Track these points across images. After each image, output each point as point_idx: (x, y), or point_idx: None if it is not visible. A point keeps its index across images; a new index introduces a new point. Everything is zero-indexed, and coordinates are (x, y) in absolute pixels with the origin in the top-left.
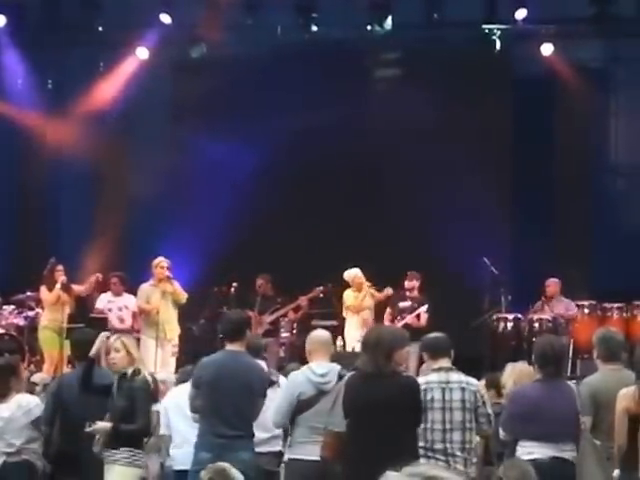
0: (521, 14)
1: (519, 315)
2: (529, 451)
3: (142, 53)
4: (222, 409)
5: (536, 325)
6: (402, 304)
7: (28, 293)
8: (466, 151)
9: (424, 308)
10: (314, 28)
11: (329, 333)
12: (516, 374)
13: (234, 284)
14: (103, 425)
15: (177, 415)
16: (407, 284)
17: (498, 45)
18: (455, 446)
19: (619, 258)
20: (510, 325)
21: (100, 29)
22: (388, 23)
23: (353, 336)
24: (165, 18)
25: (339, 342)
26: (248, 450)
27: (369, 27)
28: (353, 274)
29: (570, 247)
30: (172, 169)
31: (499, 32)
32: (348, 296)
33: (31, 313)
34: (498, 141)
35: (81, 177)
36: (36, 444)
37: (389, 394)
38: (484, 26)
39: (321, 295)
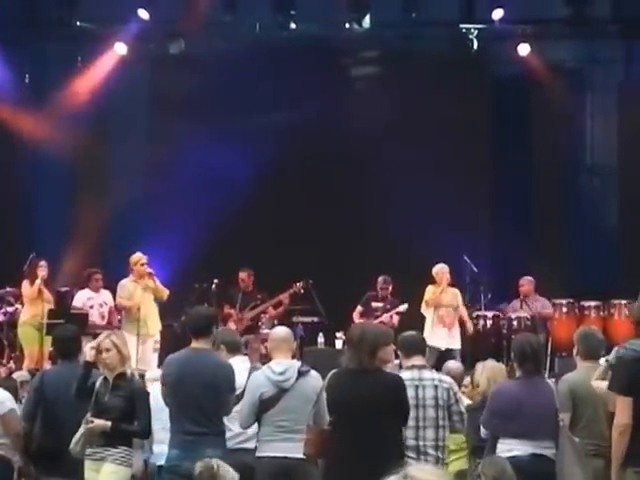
0: (498, 14)
1: (498, 313)
2: (509, 448)
3: (120, 48)
4: (187, 407)
5: (515, 323)
6: (375, 304)
7: (7, 289)
8: (444, 150)
9: (404, 307)
10: (293, 25)
11: (289, 330)
12: (488, 371)
13: (215, 280)
14: (102, 423)
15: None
16: (380, 285)
17: (475, 45)
18: (428, 443)
19: (596, 257)
20: (489, 323)
21: (78, 24)
22: (367, 21)
23: (426, 334)
24: (143, 14)
25: (320, 339)
26: (215, 447)
27: (348, 25)
28: (437, 268)
29: (548, 246)
30: (150, 165)
31: (476, 32)
32: (427, 290)
33: (10, 309)
34: (476, 140)
35: (60, 172)
36: (7, 439)
37: (373, 391)
38: (461, 26)
39: (301, 291)
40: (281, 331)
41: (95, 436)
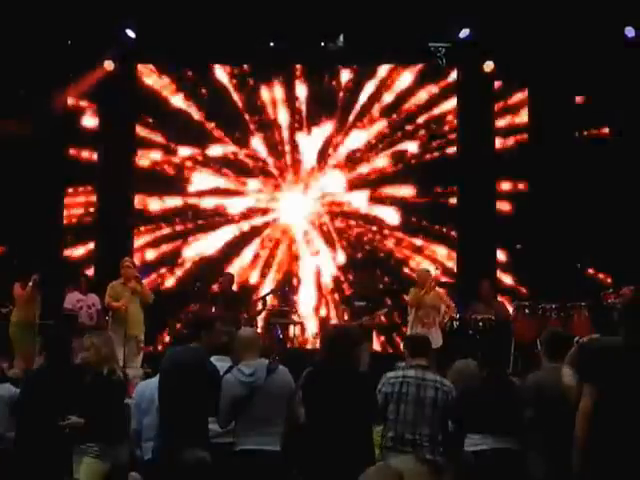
0: (464, 33)
1: (464, 315)
2: (475, 442)
3: (109, 65)
4: (171, 400)
5: (480, 324)
6: (358, 304)
7: None
8: (414, 158)
9: (383, 311)
10: (270, 43)
11: (255, 330)
12: (456, 370)
13: (197, 284)
14: (75, 420)
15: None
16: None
17: (444, 62)
18: (424, 438)
19: (557, 260)
20: (456, 324)
21: (69, 42)
22: (340, 40)
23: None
24: (130, 33)
25: (297, 339)
26: (197, 440)
27: (322, 43)
28: (420, 271)
29: (511, 250)
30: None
31: (444, 49)
32: (410, 291)
33: (3, 310)
34: (446, 150)
35: (53, 177)
36: (12, 432)
37: (345, 389)
38: (430, 44)
39: (278, 292)
40: (247, 332)
41: (77, 431)
